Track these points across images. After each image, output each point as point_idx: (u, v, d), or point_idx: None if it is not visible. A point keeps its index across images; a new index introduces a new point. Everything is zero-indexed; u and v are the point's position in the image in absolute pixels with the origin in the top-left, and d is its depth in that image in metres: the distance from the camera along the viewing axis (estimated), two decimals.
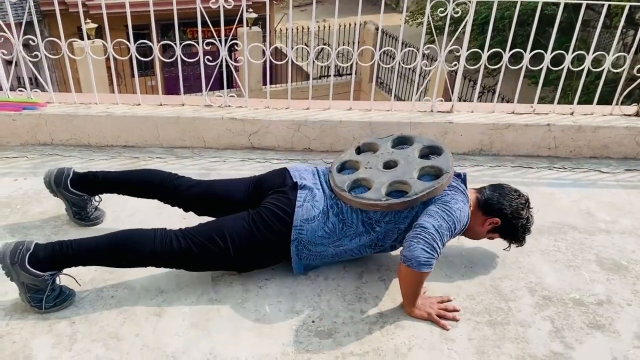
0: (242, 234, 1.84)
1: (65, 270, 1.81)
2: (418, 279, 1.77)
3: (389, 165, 2.02)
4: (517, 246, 2.09)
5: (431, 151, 2.08)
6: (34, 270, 1.71)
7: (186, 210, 2.11)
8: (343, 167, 2.08)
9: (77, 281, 1.87)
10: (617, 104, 3.09)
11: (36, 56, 2.76)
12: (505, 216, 1.97)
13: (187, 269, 1.91)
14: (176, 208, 2.12)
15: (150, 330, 1.75)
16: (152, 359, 1.65)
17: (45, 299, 1.75)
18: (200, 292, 1.92)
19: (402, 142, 2.16)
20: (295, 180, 1.97)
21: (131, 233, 1.84)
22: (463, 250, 2.20)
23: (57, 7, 2.71)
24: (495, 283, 2.04)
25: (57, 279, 1.81)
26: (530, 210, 2.03)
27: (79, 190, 2.14)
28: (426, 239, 1.72)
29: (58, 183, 2.12)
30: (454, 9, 2.78)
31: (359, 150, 2.17)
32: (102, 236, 1.84)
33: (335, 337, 1.76)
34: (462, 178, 2.02)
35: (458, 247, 2.21)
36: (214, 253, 1.82)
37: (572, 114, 3.10)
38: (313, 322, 1.82)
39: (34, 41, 2.72)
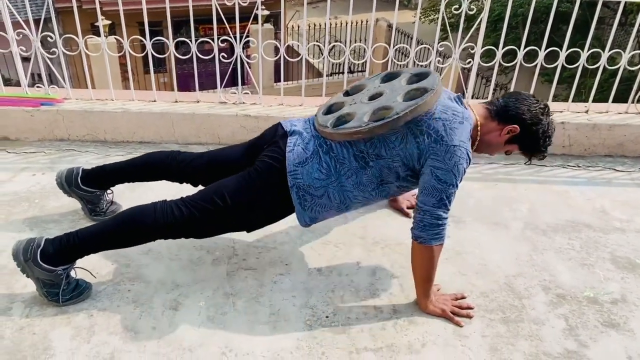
0: (240, 190, 1.82)
1: (79, 263, 1.84)
2: (431, 255, 1.76)
3: (374, 97, 1.88)
4: (539, 158, 1.95)
5: (420, 78, 1.90)
6: (46, 266, 1.74)
7: (195, 185, 2.10)
8: (330, 111, 1.96)
9: (92, 273, 1.90)
10: (632, 102, 3.07)
11: (53, 53, 2.80)
12: (524, 122, 1.83)
13: (195, 236, 1.90)
14: (185, 185, 2.12)
15: (167, 324, 1.77)
16: (169, 351, 1.67)
17: (62, 292, 1.78)
18: (215, 286, 1.94)
19: (391, 77, 1.98)
20: (285, 129, 1.92)
21: (131, 210, 1.85)
22: (477, 248, 2.20)
23: (74, 4, 2.74)
24: (509, 280, 2.04)
25: (73, 272, 1.84)
26: (550, 116, 1.89)
27: (90, 186, 2.17)
28: (430, 212, 1.72)
29: (69, 182, 2.16)
30: (468, 6, 2.77)
31: (347, 94, 2.05)
32: (105, 219, 1.87)
33: (349, 333, 1.77)
34: (458, 100, 1.88)
35: (472, 244, 2.21)
36: (216, 213, 1.81)
37: (586, 112, 3.09)
38: (327, 317, 1.83)
39: (51, 38, 2.76)
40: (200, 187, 2.04)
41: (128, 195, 2.35)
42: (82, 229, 1.83)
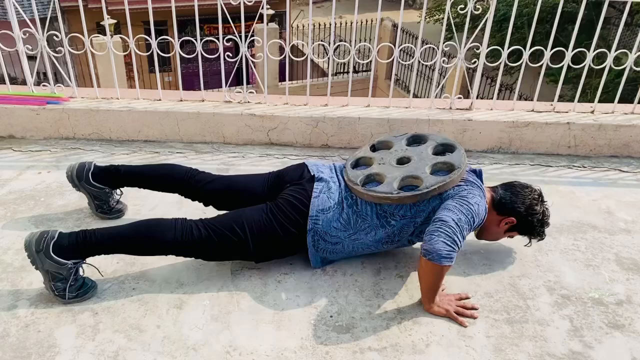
0: (260, 223, 1.88)
1: (89, 260, 1.85)
2: (439, 272, 1.78)
3: (402, 161, 2.04)
4: (537, 240, 2.09)
5: (445, 149, 2.08)
6: (57, 258, 1.75)
7: (206, 205, 2.14)
8: (357, 164, 2.10)
9: (99, 271, 1.91)
10: (638, 103, 3.06)
11: (59, 51, 2.81)
12: (519, 214, 1.98)
13: (205, 259, 1.94)
14: (196, 202, 2.15)
15: (171, 322, 1.78)
16: (173, 350, 1.67)
17: (69, 288, 1.79)
18: (220, 285, 1.94)
19: (416, 140, 2.17)
20: (312, 174, 2.00)
21: (153, 222, 1.89)
22: (481, 248, 2.20)
23: (80, 3, 2.75)
24: (513, 281, 2.03)
25: (81, 269, 1.85)
26: (545, 203, 2.04)
27: (101, 183, 2.18)
28: (447, 232, 1.73)
29: (80, 177, 2.16)
30: (474, 5, 2.76)
31: (373, 148, 2.19)
32: (125, 225, 1.87)
33: (353, 332, 1.77)
34: (477, 174, 2.02)
35: (476, 245, 2.21)
36: (233, 242, 1.86)
37: (592, 112, 3.07)
38: (331, 317, 1.83)
39: (57, 37, 2.77)
40: (211, 208, 2.13)
41: (134, 195, 2.35)
42: (101, 229, 1.85)
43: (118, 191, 2.28)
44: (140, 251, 1.88)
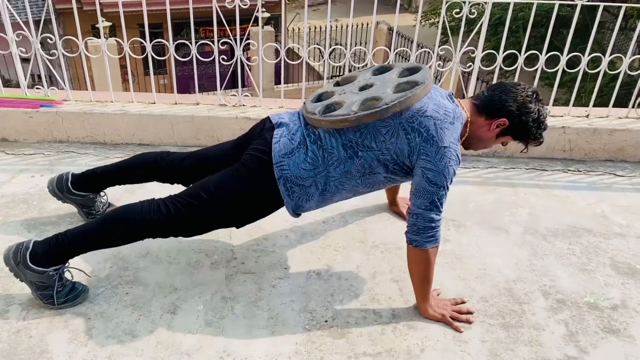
0: (226, 183, 1.81)
1: (73, 263, 1.83)
2: (426, 257, 1.76)
3: (364, 88, 1.87)
4: (535, 144, 1.89)
5: (411, 72, 1.87)
6: (36, 267, 1.73)
7: (186, 185, 2.07)
8: (319, 99, 1.95)
9: (85, 273, 1.90)
10: (633, 107, 3.07)
11: (53, 54, 2.79)
12: (511, 114, 1.78)
13: (184, 234, 1.87)
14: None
15: (165, 328, 1.76)
16: (167, 356, 1.66)
17: (56, 294, 1.77)
18: (214, 290, 1.93)
19: (382, 70, 1.98)
20: (272, 122, 1.90)
21: (118, 209, 1.85)
22: (477, 252, 2.19)
23: (74, 5, 2.74)
24: (509, 286, 2.03)
25: (68, 274, 1.83)
26: (541, 102, 1.82)
27: (82, 190, 2.17)
28: (422, 215, 1.71)
29: (61, 189, 2.15)
30: (469, 9, 2.77)
31: (337, 84, 2.03)
32: (94, 219, 1.85)
33: (348, 337, 1.76)
34: (449, 98, 1.84)
35: (472, 249, 2.21)
36: (202, 208, 1.80)
37: (587, 116, 3.08)
38: (326, 321, 1.82)
39: (51, 39, 2.75)
40: None
41: (127, 198, 2.34)
42: (71, 229, 1.82)
43: (102, 194, 2.26)
44: (115, 241, 1.84)
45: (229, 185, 1.81)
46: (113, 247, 1.93)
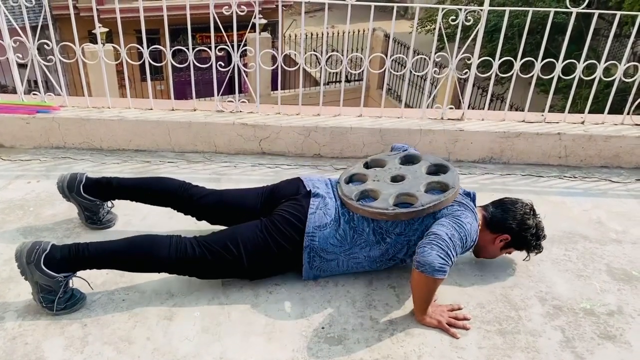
0: (255, 241, 1.86)
1: (79, 273, 1.83)
2: (431, 285, 1.77)
3: (397, 179, 2.05)
4: (536, 253, 2.09)
5: (438, 169, 2.10)
6: (48, 271, 1.73)
7: (199, 219, 2.13)
8: (351, 180, 2.10)
9: (89, 284, 1.89)
10: (628, 114, 3.09)
11: (50, 60, 2.79)
12: (512, 230, 1.99)
13: (199, 277, 1.92)
14: (188, 216, 2.13)
15: (161, 334, 1.76)
16: None
17: (57, 300, 1.77)
18: (211, 296, 1.93)
19: (409, 160, 2.19)
20: (308, 189, 1.99)
21: (147, 238, 1.87)
22: (474, 259, 2.20)
23: (72, 11, 2.74)
24: (505, 292, 2.03)
25: (70, 281, 1.82)
26: (537, 216, 2.04)
27: (92, 195, 2.16)
28: (440, 245, 1.73)
29: (71, 188, 2.14)
30: (465, 16, 2.78)
31: (367, 165, 2.20)
32: (119, 240, 1.85)
33: (345, 344, 1.76)
34: (471, 197, 2.03)
35: (468, 255, 2.21)
36: (228, 260, 1.84)
37: (583, 123, 3.10)
38: (323, 328, 1.82)
39: (48, 45, 2.76)
40: (204, 222, 2.11)
41: (127, 205, 2.32)
42: (94, 243, 1.82)
43: (109, 203, 2.26)
44: (132, 267, 1.86)
45: (257, 242, 1.87)
46: (127, 272, 1.93)
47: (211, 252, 1.83)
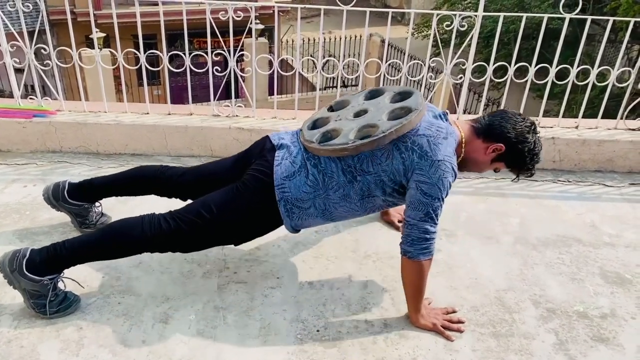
0: (227, 203, 1.83)
1: (66, 273, 1.83)
2: (420, 269, 1.77)
3: (359, 114, 1.91)
4: (526, 176, 1.95)
5: (403, 97, 1.92)
6: (32, 276, 1.73)
7: (184, 199, 2.10)
8: (315, 126, 1.99)
9: (79, 284, 1.90)
10: (621, 119, 3.11)
11: (47, 64, 2.80)
12: (509, 140, 1.84)
13: (182, 250, 1.90)
14: (178, 203, 2.12)
15: (157, 337, 1.76)
16: None
17: (49, 304, 1.77)
18: (206, 299, 1.93)
19: (374, 95, 2.02)
20: (273, 143, 1.93)
21: (119, 222, 1.86)
22: (468, 262, 2.21)
23: (69, 16, 2.76)
24: (499, 295, 2.04)
25: (61, 284, 1.83)
26: (538, 135, 1.89)
27: (78, 200, 2.17)
28: (420, 229, 1.74)
29: (56, 197, 2.15)
30: (460, 22, 2.81)
31: (331, 109, 2.07)
32: (93, 231, 1.86)
33: (340, 347, 1.76)
34: (443, 117, 1.88)
35: (463, 258, 2.22)
36: (203, 226, 1.82)
37: (576, 127, 3.12)
38: (318, 331, 1.83)
39: (45, 50, 2.77)
40: (190, 202, 2.05)
41: (119, 208, 2.34)
42: (70, 239, 1.82)
43: (97, 204, 2.26)
44: (113, 254, 1.85)
45: (230, 204, 1.84)
46: (110, 260, 1.93)
47: (185, 222, 1.81)
